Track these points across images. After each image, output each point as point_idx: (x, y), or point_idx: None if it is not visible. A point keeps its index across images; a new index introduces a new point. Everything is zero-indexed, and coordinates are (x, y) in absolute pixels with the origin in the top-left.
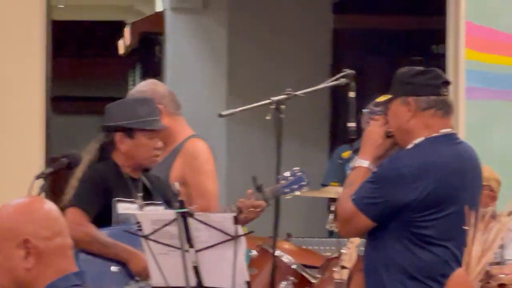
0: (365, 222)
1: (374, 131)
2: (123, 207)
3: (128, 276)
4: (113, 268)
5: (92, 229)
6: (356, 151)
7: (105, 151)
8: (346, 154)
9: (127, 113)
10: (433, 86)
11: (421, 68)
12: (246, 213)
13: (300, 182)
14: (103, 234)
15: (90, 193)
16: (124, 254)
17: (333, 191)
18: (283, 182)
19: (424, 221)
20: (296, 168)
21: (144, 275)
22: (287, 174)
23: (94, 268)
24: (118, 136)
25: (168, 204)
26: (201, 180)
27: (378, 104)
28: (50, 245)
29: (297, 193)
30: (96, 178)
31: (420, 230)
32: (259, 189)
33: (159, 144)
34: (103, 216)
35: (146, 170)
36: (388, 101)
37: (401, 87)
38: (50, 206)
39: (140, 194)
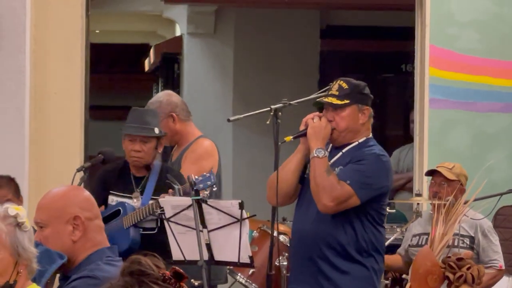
0: (355, 202)
1: (322, 126)
2: (114, 200)
3: None
4: None
5: None
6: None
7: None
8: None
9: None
10: (371, 99)
11: (364, 82)
12: None
13: (206, 182)
14: None
15: (93, 185)
16: None
17: None
18: (187, 185)
19: (384, 204)
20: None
21: None
22: (198, 177)
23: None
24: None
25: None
26: (184, 166)
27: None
28: (92, 224)
29: (206, 192)
30: (101, 173)
31: (382, 211)
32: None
33: (136, 147)
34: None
35: (147, 169)
36: (344, 106)
37: (357, 96)
38: (87, 193)
39: (138, 190)
